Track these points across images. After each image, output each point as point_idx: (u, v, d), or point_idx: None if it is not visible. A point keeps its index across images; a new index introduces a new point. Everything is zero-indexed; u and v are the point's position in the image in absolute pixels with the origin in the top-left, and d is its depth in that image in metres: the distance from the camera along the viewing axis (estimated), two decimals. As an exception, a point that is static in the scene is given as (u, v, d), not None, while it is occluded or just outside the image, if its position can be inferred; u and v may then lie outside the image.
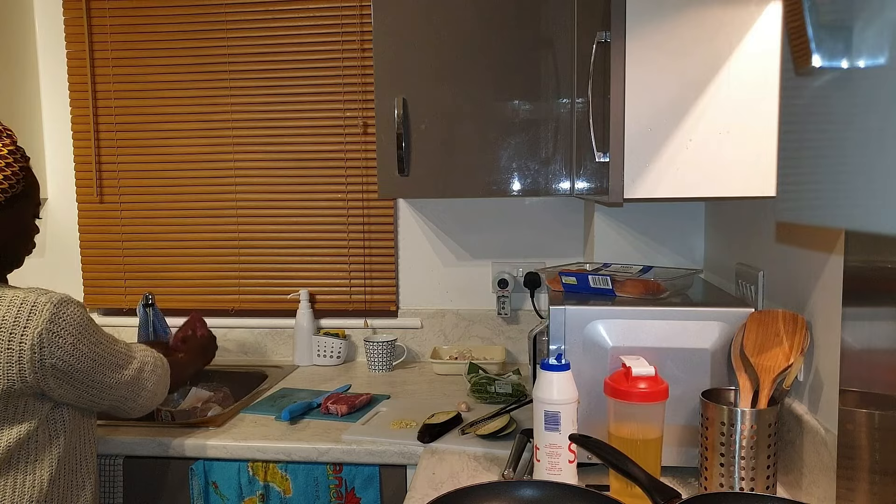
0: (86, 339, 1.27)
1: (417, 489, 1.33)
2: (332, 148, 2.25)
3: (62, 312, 1.23)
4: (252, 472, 1.60)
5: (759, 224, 1.46)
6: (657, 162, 1.15)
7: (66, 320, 1.24)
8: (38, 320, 1.20)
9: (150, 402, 1.43)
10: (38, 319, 1.20)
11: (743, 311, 1.28)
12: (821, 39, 0.53)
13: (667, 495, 1.00)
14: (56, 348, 1.22)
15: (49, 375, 1.22)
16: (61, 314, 1.23)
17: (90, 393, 1.30)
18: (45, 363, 1.21)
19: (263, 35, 2.23)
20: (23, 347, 1.19)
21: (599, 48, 1.24)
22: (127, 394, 1.36)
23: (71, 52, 2.30)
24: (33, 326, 1.20)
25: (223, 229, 2.32)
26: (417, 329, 2.28)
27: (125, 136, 2.31)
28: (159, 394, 1.46)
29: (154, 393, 1.43)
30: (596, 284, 1.42)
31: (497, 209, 2.23)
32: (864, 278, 0.99)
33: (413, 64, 1.77)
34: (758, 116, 1.12)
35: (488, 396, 1.82)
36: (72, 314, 1.25)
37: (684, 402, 1.29)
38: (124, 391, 1.36)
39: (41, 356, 1.20)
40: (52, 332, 1.21)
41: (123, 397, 1.36)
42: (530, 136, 1.77)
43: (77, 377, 1.26)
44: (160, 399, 1.47)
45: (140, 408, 1.41)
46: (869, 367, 0.97)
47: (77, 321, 1.25)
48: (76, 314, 1.26)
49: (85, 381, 1.28)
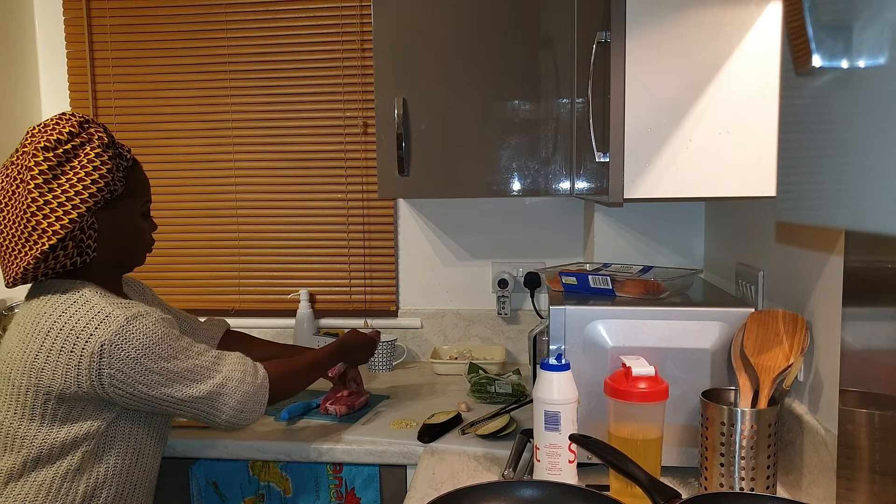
0: (153, 353, 1.23)
1: (417, 489, 1.33)
2: (332, 148, 2.25)
3: (132, 326, 1.21)
4: (252, 472, 1.60)
5: (759, 224, 1.46)
6: (657, 162, 1.15)
7: (133, 334, 1.21)
8: (105, 330, 1.19)
9: (237, 417, 1.35)
10: (106, 330, 1.19)
11: (743, 311, 1.28)
12: (821, 39, 0.53)
13: (667, 495, 1.00)
14: (116, 360, 1.20)
15: (107, 384, 1.20)
16: (131, 327, 1.21)
17: (160, 405, 1.26)
18: (103, 373, 1.19)
19: (263, 35, 2.23)
20: (83, 354, 1.19)
21: (599, 48, 1.24)
22: (206, 408, 1.31)
23: (71, 52, 2.30)
24: (98, 335, 1.19)
25: (223, 229, 2.32)
26: (417, 329, 2.28)
27: (125, 135, 2.31)
28: (248, 410, 1.35)
29: (240, 410, 1.34)
30: (596, 284, 1.42)
31: (497, 209, 2.23)
32: (864, 278, 0.99)
33: (413, 64, 1.77)
34: (758, 116, 1.12)
35: (488, 396, 1.82)
36: (143, 327, 1.22)
37: (684, 402, 1.29)
38: (202, 406, 1.30)
39: (99, 366, 1.19)
40: (114, 345, 1.19)
41: (203, 411, 1.31)
42: (530, 136, 1.77)
43: (139, 389, 1.23)
44: (252, 413, 1.37)
45: (226, 422, 1.34)
46: (869, 367, 0.97)
47: (147, 335, 1.22)
48: (149, 328, 1.23)
49: (150, 395, 1.24)
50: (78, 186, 1.22)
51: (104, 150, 1.25)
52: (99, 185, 1.24)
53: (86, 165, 1.23)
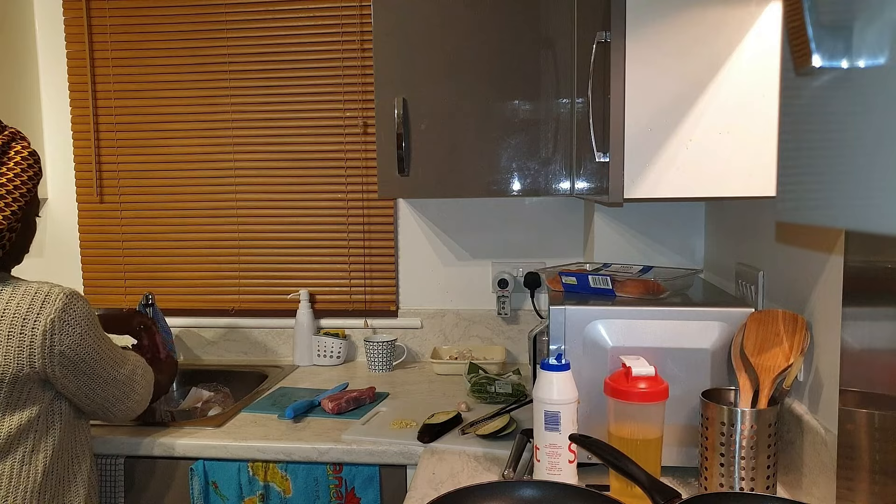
0: (92, 332, 1.33)
1: (417, 489, 1.33)
2: (332, 148, 2.25)
3: (74, 304, 1.30)
4: (252, 472, 1.60)
5: (759, 224, 1.46)
6: (657, 162, 1.15)
7: (76, 311, 1.30)
8: (51, 308, 1.27)
9: (138, 406, 1.47)
10: (52, 307, 1.27)
11: (743, 311, 1.28)
12: (821, 39, 0.53)
13: (667, 495, 1.00)
14: (66, 336, 1.28)
15: (56, 362, 1.28)
16: (73, 305, 1.30)
17: (89, 385, 1.35)
18: (55, 349, 1.27)
19: (263, 35, 2.23)
20: (35, 333, 1.26)
21: (599, 48, 1.24)
22: (119, 393, 1.41)
23: (71, 52, 2.30)
24: (46, 314, 1.27)
25: (223, 229, 2.32)
26: (417, 329, 2.28)
27: (125, 136, 2.31)
28: (145, 401, 1.50)
29: (143, 398, 1.48)
30: (596, 284, 1.42)
31: (497, 209, 2.23)
32: (864, 278, 0.99)
33: (413, 64, 1.77)
34: (758, 116, 1.12)
35: (488, 396, 1.82)
36: (82, 307, 1.32)
37: (684, 402, 1.29)
38: (118, 389, 1.41)
39: (51, 342, 1.27)
40: (63, 321, 1.28)
41: (115, 396, 1.41)
42: (530, 136, 1.77)
43: (81, 367, 1.32)
44: (144, 406, 1.50)
45: (127, 410, 1.45)
46: (869, 367, 0.97)
47: (86, 314, 1.32)
48: (85, 308, 1.33)
49: (87, 372, 1.33)
50: (16, 182, 1.31)
51: (34, 150, 1.38)
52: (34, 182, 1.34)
53: (20, 162, 1.33)
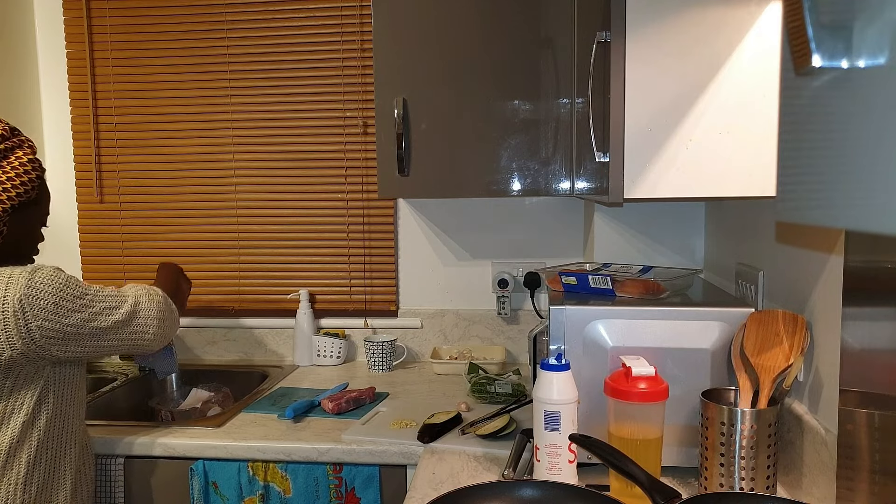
0: (67, 294, 1.32)
1: (417, 489, 1.33)
2: (332, 148, 2.25)
3: (37, 277, 1.30)
4: (252, 472, 1.60)
5: (759, 224, 1.46)
6: (657, 162, 1.15)
7: (42, 282, 1.30)
8: (15, 287, 1.27)
9: (162, 328, 1.50)
10: (16, 287, 1.27)
11: (743, 311, 1.28)
12: (821, 39, 0.53)
13: (667, 495, 1.00)
14: (39, 310, 1.28)
15: (39, 336, 1.28)
16: (36, 278, 1.30)
17: (93, 342, 1.36)
18: (31, 326, 1.27)
19: (263, 35, 2.23)
20: (6, 316, 1.26)
21: (599, 48, 1.24)
22: (132, 330, 1.43)
23: (71, 52, 2.30)
24: (12, 294, 1.27)
25: (223, 229, 2.32)
26: (417, 329, 2.28)
27: (125, 136, 2.31)
28: (168, 319, 1.53)
29: (161, 320, 1.50)
30: (596, 284, 1.42)
31: (497, 209, 2.23)
32: (864, 278, 0.99)
33: (413, 64, 1.77)
34: (758, 116, 1.12)
35: (488, 396, 1.82)
36: (47, 276, 1.31)
37: (684, 402, 1.29)
38: (132, 328, 1.43)
39: (25, 320, 1.26)
40: (30, 297, 1.27)
41: (135, 332, 1.43)
42: (530, 136, 1.77)
43: (70, 332, 1.32)
44: (173, 323, 1.56)
45: (155, 337, 1.48)
46: (869, 367, 0.97)
47: (53, 281, 1.31)
48: (51, 275, 1.32)
49: (82, 333, 1.34)
50: (7, 185, 1.33)
51: (35, 159, 1.38)
52: (26, 188, 1.35)
53: (17, 167, 1.35)
